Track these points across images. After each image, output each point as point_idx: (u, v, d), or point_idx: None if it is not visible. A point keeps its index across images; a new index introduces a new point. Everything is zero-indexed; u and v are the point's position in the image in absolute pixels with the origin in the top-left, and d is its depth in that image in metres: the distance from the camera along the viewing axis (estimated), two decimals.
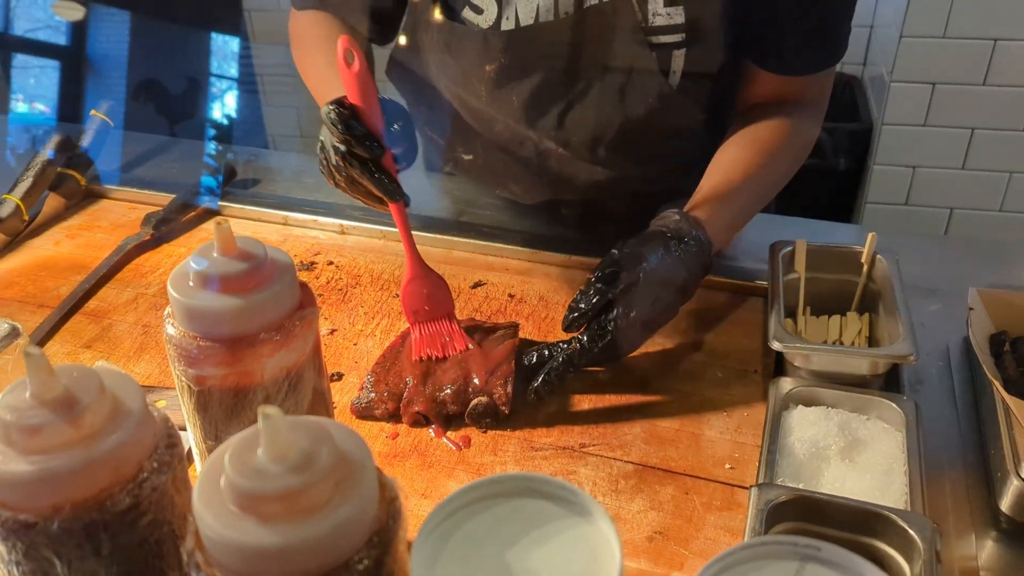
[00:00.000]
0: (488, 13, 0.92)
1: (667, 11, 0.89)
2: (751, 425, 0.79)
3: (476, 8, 0.92)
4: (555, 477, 0.38)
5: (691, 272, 0.83)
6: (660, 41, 0.90)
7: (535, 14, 0.90)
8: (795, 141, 0.98)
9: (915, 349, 0.76)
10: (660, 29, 0.90)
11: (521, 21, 0.91)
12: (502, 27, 0.91)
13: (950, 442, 0.76)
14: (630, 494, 0.72)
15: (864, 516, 0.60)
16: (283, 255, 0.53)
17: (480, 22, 0.92)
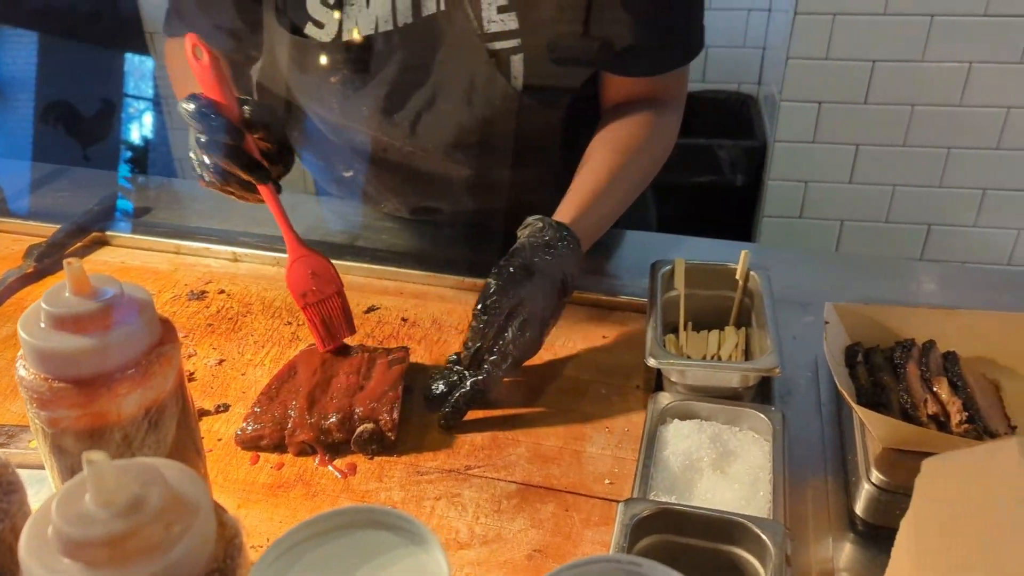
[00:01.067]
0: (329, 27, 0.95)
1: (500, 18, 0.93)
2: (631, 440, 0.82)
3: (318, 23, 0.95)
4: (394, 508, 0.39)
5: (567, 273, 0.87)
6: (497, 47, 0.94)
7: (374, 24, 0.94)
8: (656, 140, 1.02)
9: (780, 362, 0.80)
10: (496, 35, 0.93)
11: (361, 32, 0.94)
12: (343, 38, 0.95)
13: (814, 450, 0.80)
14: (512, 513, 0.74)
15: (723, 525, 0.63)
16: (141, 291, 0.53)
17: (322, 36, 0.95)
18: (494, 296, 0.82)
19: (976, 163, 2.04)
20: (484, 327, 0.82)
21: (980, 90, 1.95)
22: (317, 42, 0.96)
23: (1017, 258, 2.16)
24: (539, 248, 0.86)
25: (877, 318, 0.84)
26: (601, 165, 0.98)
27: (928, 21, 1.89)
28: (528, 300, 0.83)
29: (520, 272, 0.83)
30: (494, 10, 0.92)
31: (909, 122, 2.01)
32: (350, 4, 0.94)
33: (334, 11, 0.94)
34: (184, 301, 1.02)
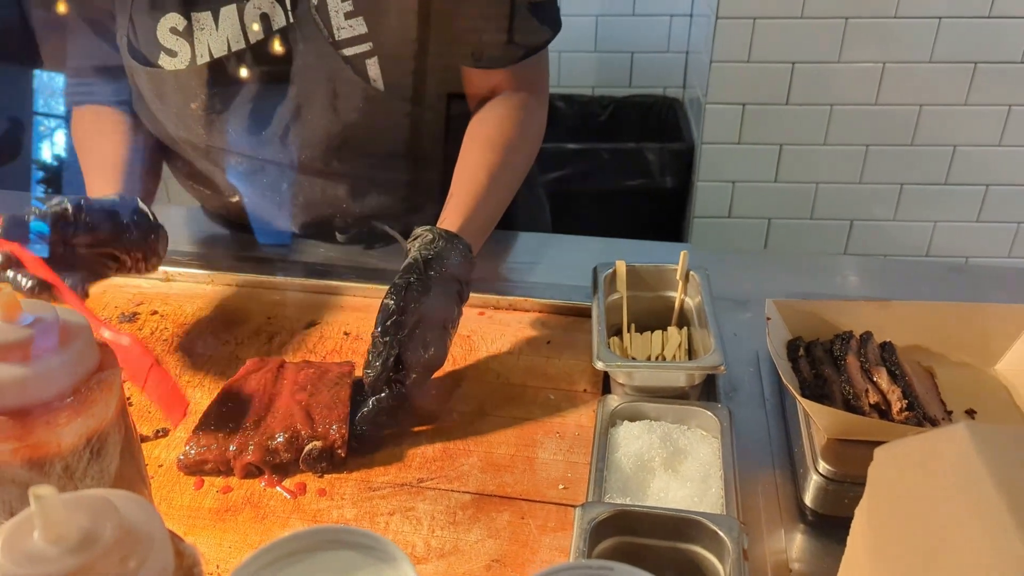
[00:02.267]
0: (182, 55, 0.95)
1: (349, 23, 0.94)
2: (583, 444, 0.82)
3: (170, 52, 0.95)
4: (355, 527, 0.38)
5: (462, 281, 0.87)
6: (350, 53, 0.95)
7: (226, 46, 0.94)
8: (527, 131, 1.03)
9: (724, 359, 0.81)
10: (347, 41, 0.94)
11: (213, 54, 0.95)
12: (197, 63, 0.95)
13: (761, 444, 0.82)
14: (468, 524, 0.73)
15: (680, 523, 0.64)
16: (77, 316, 0.51)
17: (176, 64, 0.96)
18: (394, 316, 0.80)
19: (893, 159, 2.12)
20: (385, 349, 0.79)
21: (894, 89, 2.03)
22: (172, 71, 0.96)
23: (934, 249, 2.25)
24: (432, 260, 0.84)
25: (816, 312, 0.86)
26: (478, 166, 0.97)
27: (843, 23, 1.95)
28: (428, 314, 0.81)
29: (417, 287, 0.82)
30: (341, 16, 0.93)
31: (829, 121, 2.07)
32: (200, 29, 0.94)
33: (184, 38, 0.95)
34: (115, 324, 0.98)
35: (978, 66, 1.99)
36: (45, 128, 2.53)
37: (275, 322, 1.00)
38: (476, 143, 1.00)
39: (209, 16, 0.94)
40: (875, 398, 0.74)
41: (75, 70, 1.06)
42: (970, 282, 1.12)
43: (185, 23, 0.94)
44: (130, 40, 0.97)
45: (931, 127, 2.07)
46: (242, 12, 0.94)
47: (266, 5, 0.94)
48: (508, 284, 1.06)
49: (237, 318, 1.00)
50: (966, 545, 0.38)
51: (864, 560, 0.46)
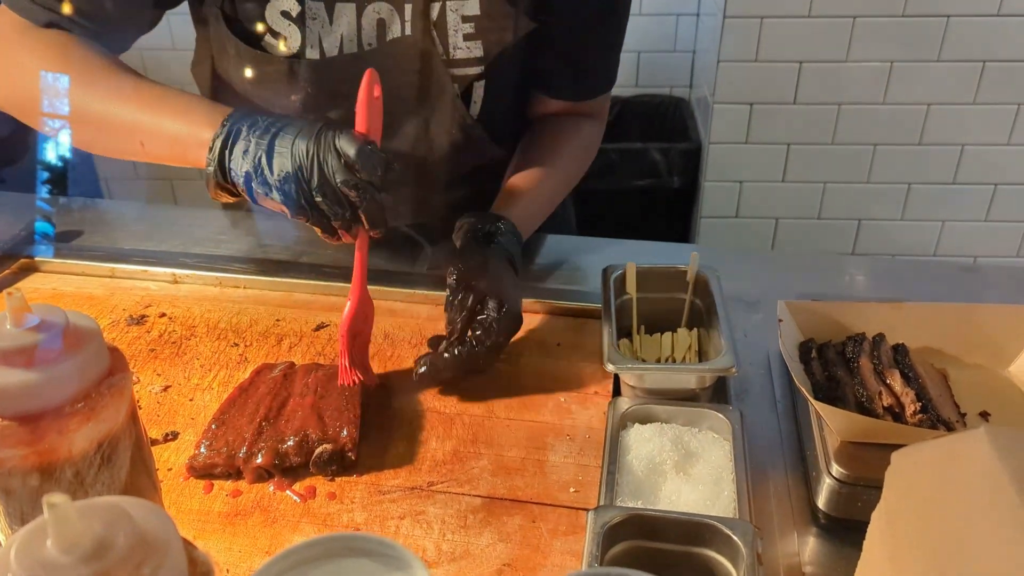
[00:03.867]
0: (291, 41, 0.92)
1: (467, 45, 0.94)
2: (593, 447, 0.82)
3: (277, 34, 0.92)
4: (370, 533, 0.38)
5: (512, 254, 0.91)
6: (461, 73, 0.95)
7: (339, 44, 0.92)
8: (580, 145, 1.10)
9: (736, 361, 0.81)
10: (461, 62, 0.94)
11: (326, 52, 0.92)
12: (307, 55, 0.92)
13: (773, 446, 0.81)
14: (479, 528, 0.72)
15: (694, 527, 0.63)
16: (88, 320, 0.51)
17: (282, 48, 0.93)
18: (461, 285, 0.85)
19: (901, 159, 2.11)
20: (458, 306, 0.85)
21: (902, 88, 2.02)
22: (276, 55, 0.92)
23: (942, 249, 2.24)
24: (480, 242, 0.89)
25: (827, 314, 0.85)
26: (533, 166, 1.02)
27: (851, 22, 1.95)
28: (491, 286, 0.85)
29: (473, 250, 0.87)
30: (460, 37, 0.93)
31: (836, 121, 2.07)
32: (312, 19, 0.91)
33: (296, 24, 0.91)
34: (123, 327, 0.98)
35: (987, 65, 1.98)
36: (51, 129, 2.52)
37: (284, 324, 0.99)
38: (534, 147, 1.05)
39: (323, 8, 0.90)
40: (888, 400, 0.73)
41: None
42: (979, 282, 1.12)
43: (299, 9, 0.90)
44: (226, 11, 0.92)
45: (939, 126, 2.06)
46: (360, 13, 0.91)
47: (385, 11, 0.91)
48: None
49: (246, 320, 1.00)
50: (988, 551, 0.37)
51: (882, 564, 0.45)
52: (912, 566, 0.42)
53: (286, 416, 0.80)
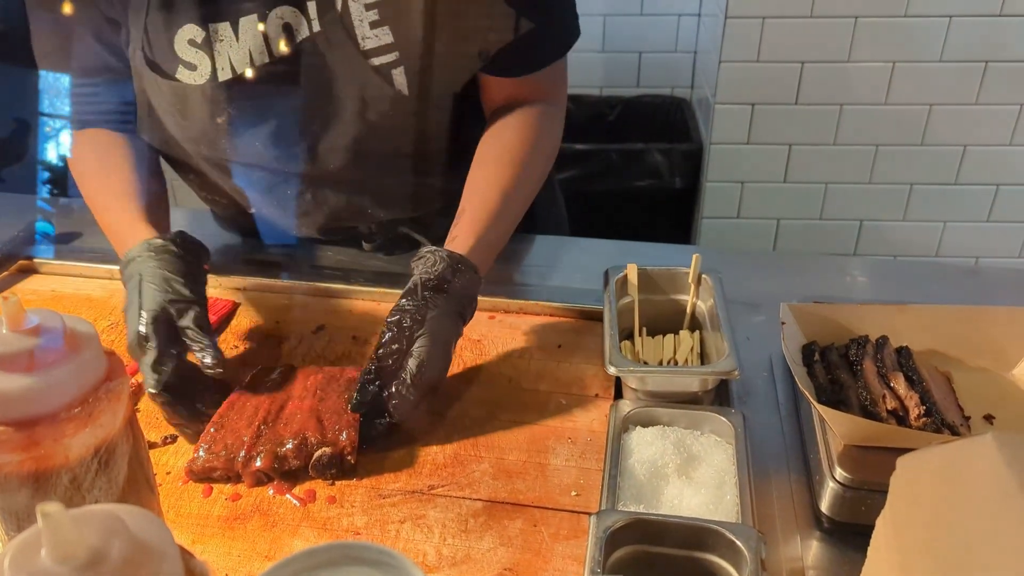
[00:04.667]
0: (202, 68, 0.93)
1: (375, 33, 0.92)
2: (595, 450, 0.81)
3: (189, 65, 0.93)
4: (372, 543, 0.37)
5: (465, 304, 0.86)
6: (378, 62, 0.93)
7: (248, 59, 0.92)
8: (541, 143, 1.01)
9: (738, 364, 0.80)
10: (374, 51, 0.92)
11: (236, 69, 0.92)
12: (219, 78, 0.92)
13: (776, 450, 0.81)
14: (480, 532, 0.72)
15: (696, 532, 0.63)
16: (85, 325, 0.50)
17: (196, 78, 0.93)
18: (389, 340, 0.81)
19: (903, 159, 2.11)
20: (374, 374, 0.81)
21: (904, 89, 2.01)
22: (193, 85, 0.93)
23: (944, 250, 2.24)
24: (431, 282, 0.84)
25: (830, 316, 0.85)
26: (490, 182, 0.95)
27: (853, 22, 1.94)
28: (429, 333, 0.81)
29: (412, 312, 0.82)
30: (367, 26, 0.91)
31: (838, 121, 2.06)
32: (219, 40, 0.91)
33: (203, 50, 0.92)
34: (122, 328, 0.98)
35: (989, 65, 1.98)
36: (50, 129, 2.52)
37: (283, 327, 0.99)
38: (489, 158, 0.98)
39: (228, 27, 0.91)
40: (892, 404, 0.73)
41: (77, 85, 1.04)
42: (982, 284, 1.11)
43: (204, 34, 0.91)
44: (145, 53, 0.94)
45: (941, 127, 2.05)
46: (264, 21, 0.91)
47: (288, 15, 0.91)
48: (518, 287, 1.05)
49: (245, 323, 0.99)
50: (996, 557, 0.36)
51: (887, 570, 0.45)
52: (919, 572, 0.42)
53: (284, 419, 0.80)
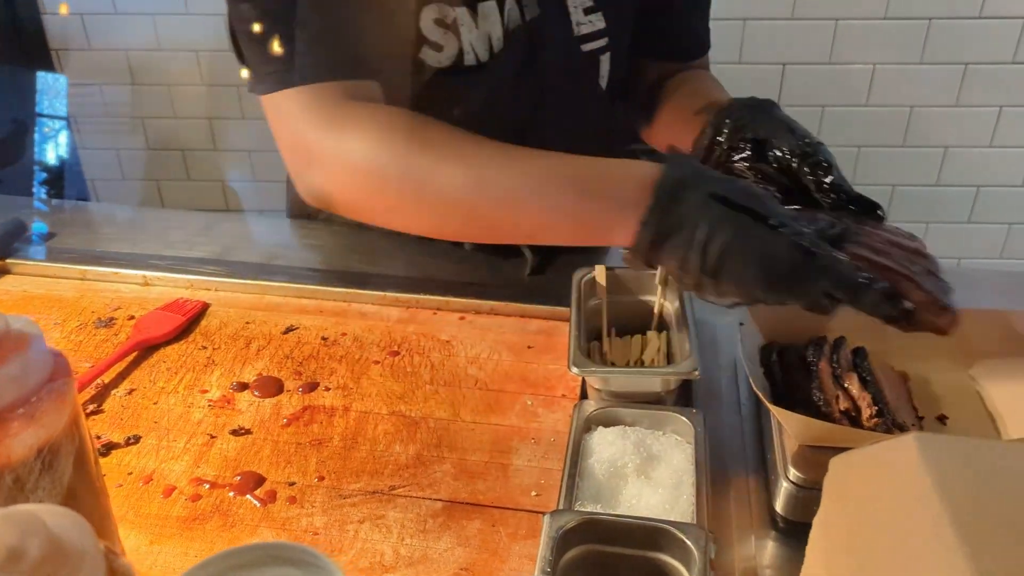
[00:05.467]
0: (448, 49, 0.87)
1: (589, 19, 0.93)
2: (558, 450, 0.82)
3: (435, 45, 0.87)
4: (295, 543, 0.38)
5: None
6: (588, 49, 0.94)
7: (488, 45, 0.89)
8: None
9: (699, 365, 0.81)
10: (587, 37, 0.93)
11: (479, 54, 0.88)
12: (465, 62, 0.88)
13: (735, 450, 0.81)
14: (438, 532, 0.72)
15: (648, 532, 0.63)
16: (30, 325, 0.51)
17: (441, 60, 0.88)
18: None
19: (884, 161, 2.12)
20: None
21: (885, 90, 2.02)
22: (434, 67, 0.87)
23: None
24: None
25: (791, 317, 0.85)
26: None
27: (834, 25, 1.95)
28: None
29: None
30: (581, 12, 0.91)
31: (820, 123, 2.07)
32: (462, 24, 0.87)
33: (450, 31, 0.86)
34: (91, 329, 0.98)
35: (968, 67, 1.99)
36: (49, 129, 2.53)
37: (253, 327, 0.99)
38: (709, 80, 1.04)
39: (466, 12, 0.87)
40: (845, 404, 0.73)
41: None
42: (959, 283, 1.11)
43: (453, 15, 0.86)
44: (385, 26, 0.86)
45: (922, 128, 2.06)
46: (501, 7, 0.87)
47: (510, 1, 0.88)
48: (490, 289, 1.05)
49: (215, 323, 1.00)
50: (911, 560, 0.37)
51: (818, 571, 0.45)
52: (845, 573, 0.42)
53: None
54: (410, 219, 0.75)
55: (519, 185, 0.72)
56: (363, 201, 0.76)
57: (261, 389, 0.89)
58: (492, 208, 0.72)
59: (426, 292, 1.04)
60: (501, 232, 0.76)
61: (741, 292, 0.69)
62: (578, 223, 0.73)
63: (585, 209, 0.72)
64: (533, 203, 0.72)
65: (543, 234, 0.74)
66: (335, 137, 0.74)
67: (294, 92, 0.76)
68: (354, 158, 0.73)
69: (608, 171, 0.73)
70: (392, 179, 0.72)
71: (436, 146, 0.74)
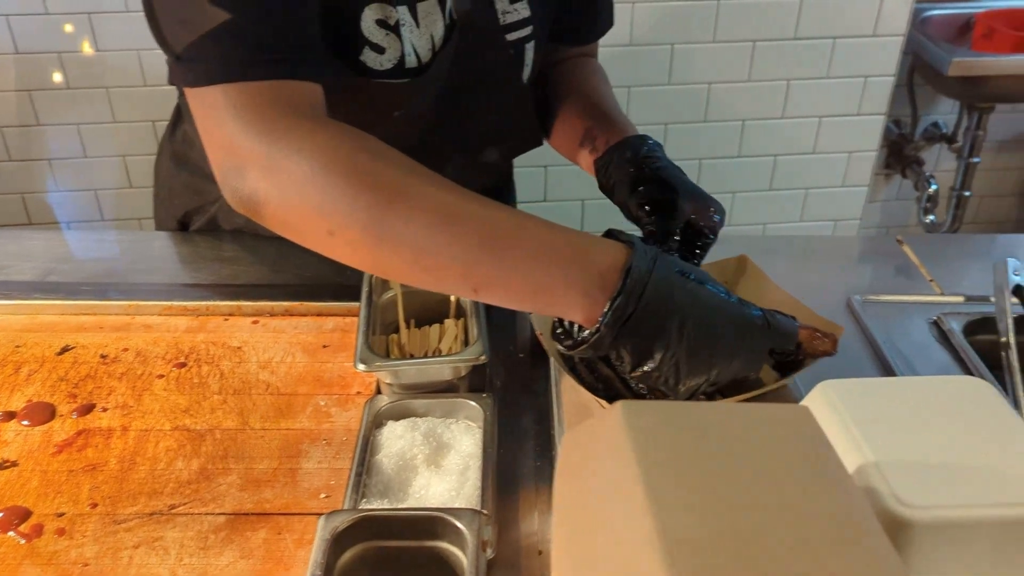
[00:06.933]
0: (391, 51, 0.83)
1: (514, 7, 0.89)
2: (351, 449, 0.80)
3: (377, 47, 0.82)
4: None
5: None
6: (514, 38, 0.90)
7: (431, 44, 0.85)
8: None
9: (486, 349, 0.82)
10: (512, 26, 0.90)
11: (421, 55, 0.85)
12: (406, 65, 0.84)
13: (526, 431, 0.83)
14: (220, 547, 0.70)
15: (424, 522, 0.64)
16: None
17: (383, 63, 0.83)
18: None
19: (690, 135, 2.22)
20: None
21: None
22: (376, 70, 0.82)
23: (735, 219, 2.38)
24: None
25: None
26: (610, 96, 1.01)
27: (631, 8, 2.03)
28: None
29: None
30: (507, 1, 0.88)
31: (628, 102, 2.14)
32: (403, 24, 0.82)
33: (392, 33, 0.81)
34: None
35: (757, 44, 2.11)
36: None
37: (24, 351, 0.92)
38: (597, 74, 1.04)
39: (407, 11, 0.81)
40: None
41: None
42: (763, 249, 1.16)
43: (396, 16, 0.80)
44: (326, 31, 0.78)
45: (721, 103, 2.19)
46: (443, 5, 0.83)
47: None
48: (283, 289, 1.02)
49: None
50: (608, 524, 0.38)
51: (557, 541, 0.47)
52: (570, 542, 0.43)
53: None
54: (347, 251, 0.67)
55: (481, 235, 0.66)
56: (300, 223, 0.67)
57: (30, 417, 0.83)
58: (442, 255, 0.65)
59: (217, 298, 1.00)
60: (446, 281, 0.69)
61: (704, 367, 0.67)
62: (535, 288, 0.66)
63: (547, 275, 0.66)
64: (491, 258, 0.66)
65: (490, 291, 0.67)
66: (278, 148, 0.65)
67: (229, 88, 0.67)
68: (297, 177, 0.65)
69: (578, 241, 0.68)
70: (339, 210, 0.65)
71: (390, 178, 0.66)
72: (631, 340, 0.66)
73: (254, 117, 0.66)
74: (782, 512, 0.39)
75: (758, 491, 0.39)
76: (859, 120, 2.23)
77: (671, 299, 0.65)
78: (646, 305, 0.64)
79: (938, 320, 0.98)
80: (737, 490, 0.39)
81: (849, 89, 2.19)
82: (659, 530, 0.35)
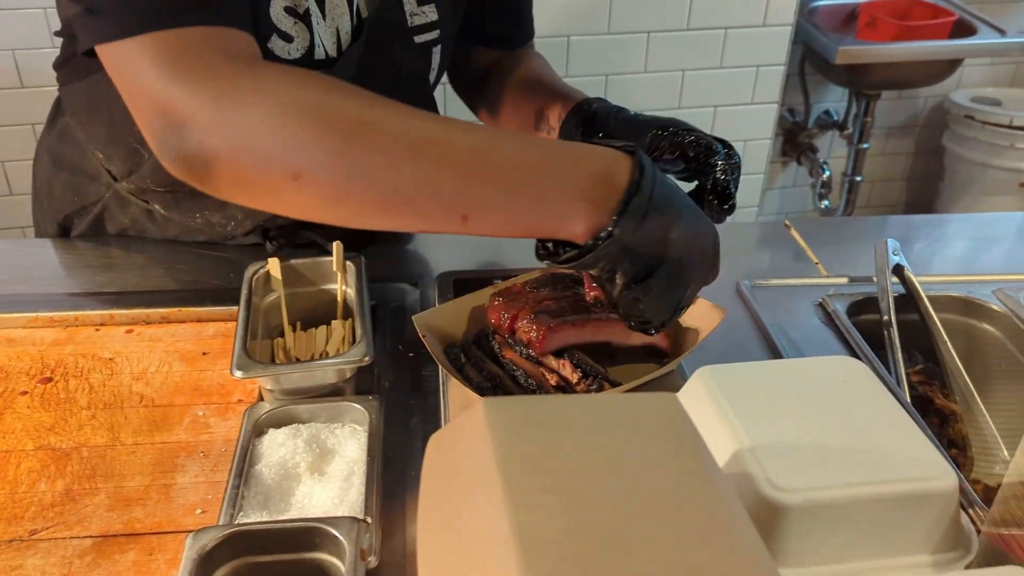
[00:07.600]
0: (299, 40, 0.80)
1: (422, 10, 0.87)
2: (230, 460, 0.77)
3: (285, 36, 0.78)
4: None
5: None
6: (421, 41, 0.88)
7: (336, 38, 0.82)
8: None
9: (370, 350, 0.79)
10: (420, 28, 0.87)
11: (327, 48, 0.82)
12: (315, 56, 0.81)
13: (415, 432, 0.80)
14: (85, 573, 0.65)
15: (300, 534, 0.61)
16: None
17: (291, 52, 0.79)
18: None
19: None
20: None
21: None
22: (284, 59, 0.78)
23: None
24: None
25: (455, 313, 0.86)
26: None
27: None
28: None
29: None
30: (414, 3, 0.85)
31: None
32: (312, 14, 0.79)
33: (301, 22, 0.77)
34: None
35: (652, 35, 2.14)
36: None
37: None
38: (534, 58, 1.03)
39: (315, 3, 0.78)
40: (554, 379, 0.74)
41: None
42: None
43: (305, 5, 0.77)
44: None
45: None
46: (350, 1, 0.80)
47: None
48: (161, 295, 0.97)
49: None
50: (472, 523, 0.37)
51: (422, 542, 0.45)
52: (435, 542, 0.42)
53: None
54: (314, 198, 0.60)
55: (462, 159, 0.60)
56: (258, 175, 0.59)
57: None
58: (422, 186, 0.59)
59: (88, 307, 0.94)
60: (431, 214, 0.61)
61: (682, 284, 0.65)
62: (530, 204, 0.60)
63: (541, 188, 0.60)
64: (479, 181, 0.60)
65: (482, 217, 0.60)
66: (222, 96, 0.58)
67: (157, 37, 0.60)
68: (248, 124, 0.58)
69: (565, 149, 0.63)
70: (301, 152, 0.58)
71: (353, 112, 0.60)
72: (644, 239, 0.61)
73: (189, 66, 0.59)
74: (645, 506, 0.38)
75: (620, 485, 0.38)
76: (753, 109, 2.28)
77: (672, 203, 0.62)
78: (655, 206, 0.60)
79: (823, 302, 1.00)
80: (599, 485, 0.38)
81: (742, 79, 2.23)
82: (516, 529, 0.34)
